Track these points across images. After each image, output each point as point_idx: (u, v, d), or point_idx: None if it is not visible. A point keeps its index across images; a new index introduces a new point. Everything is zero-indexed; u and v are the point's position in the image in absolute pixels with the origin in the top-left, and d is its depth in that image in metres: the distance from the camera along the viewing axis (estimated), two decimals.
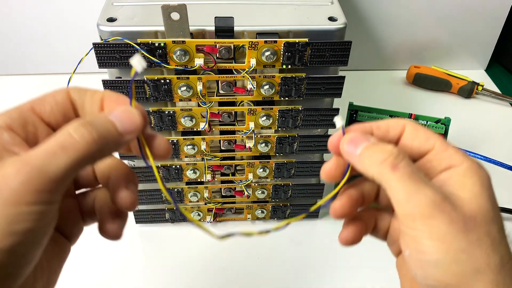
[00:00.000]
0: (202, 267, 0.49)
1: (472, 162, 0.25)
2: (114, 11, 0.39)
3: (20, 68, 0.75)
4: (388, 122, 0.27)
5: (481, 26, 0.75)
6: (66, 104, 0.25)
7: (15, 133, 0.23)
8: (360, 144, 0.26)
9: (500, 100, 0.74)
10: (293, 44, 0.37)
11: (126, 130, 0.24)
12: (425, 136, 0.26)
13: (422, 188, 0.23)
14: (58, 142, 0.22)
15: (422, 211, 0.23)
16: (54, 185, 0.21)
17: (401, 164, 0.24)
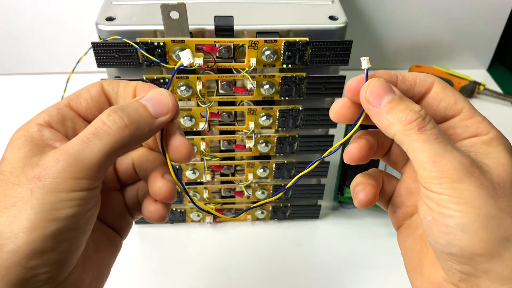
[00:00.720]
0: (201, 268, 0.49)
1: (498, 132, 0.24)
2: (113, 10, 0.39)
3: (19, 67, 0.75)
4: (416, 75, 0.26)
5: (483, 25, 0.75)
6: (101, 97, 0.26)
7: (55, 130, 0.24)
8: (385, 96, 0.24)
9: (502, 100, 0.73)
10: (294, 43, 0.37)
11: (158, 112, 0.24)
12: (454, 99, 0.25)
13: (450, 150, 0.22)
14: (92, 129, 0.23)
15: (450, 174, 0.22)
16: (90, 172, 0.22)
17: (428, 126, 0.23)
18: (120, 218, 0.29)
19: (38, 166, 0.22)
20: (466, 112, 0.25)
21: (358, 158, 0.27)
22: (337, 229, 0.53)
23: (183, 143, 0.25)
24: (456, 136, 0.25)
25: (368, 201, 0.27)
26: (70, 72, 0.39)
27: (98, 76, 0.40)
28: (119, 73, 0.40)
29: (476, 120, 0.25)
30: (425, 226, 0.23)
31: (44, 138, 0.23)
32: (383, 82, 0.24)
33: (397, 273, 0.28)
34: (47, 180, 0.21)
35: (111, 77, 0.40)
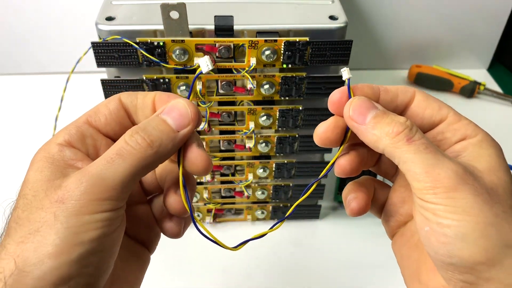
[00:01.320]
0: (201, 268, 0.49)
1: (486, 133, 0.24)
2: (113, 10, 0.39)
3: (19, 67, 0.75)
4: (397, 87, 0.26)
5: (483, 25, 0.74)
6: (120, 112, 0.25)
7: (76, 149, 0.24)
8: (368, 113, 0.24)
9: (502, 100, 0.73)
10: (294, 43, 0.37)
11: (180, 125, 0.24)
12: (438, 106, 0.25)
13: (441, 159, 0.22)
14: (115, 150, 0.22)
15: (445, 183, 0.21)
16: (114, 192, 0.22)
17: (415, 136, 0.23)
18: (149, 231, 0.28)
19: (60, 189, 0.21)
20: (452, 116, 0.25)
21: (349, 170, 0.26)
22: (337, 229, 0.53)
23: (200, 155, 0.25)
24: (446, 141, 0.25)
25: (360, 209, 0.27)
26: (70, 72, 0.39)
27: (98, 76, 0.40)
28: (119, 73, 0.40)
29: (463, 123, 0.25)
30: (422, 236, 0.23)
31: (66, 159, 0.23)
32: (365, 100, 0.24)
33: (397, 273, 0.28)
34: (70, 203, 0.21)
35: (110, 77, 0.40)
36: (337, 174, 0.27)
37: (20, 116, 0.68)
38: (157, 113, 0.24)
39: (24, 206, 0.22)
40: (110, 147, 0.23)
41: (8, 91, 0.73)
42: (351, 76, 0.25)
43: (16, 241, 0.21)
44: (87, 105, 0.72)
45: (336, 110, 0.26)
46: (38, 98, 0.71)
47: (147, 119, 0.24)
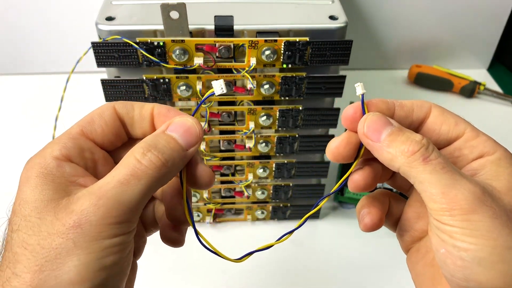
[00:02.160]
0: (201, 268, 0.49)
1: (505, 150, 0.23)
2: (113, 10, 0.39)
3: (19, 67, 0.75)
4: (413, 101, 0.25)
5: (483, 25, 0.74)
6: (115, 122, 0.24)
7: (75, 164, 0.23)
8: (383, 130, 0.23)
9: (502, 100, 0.73)
10: (294, 43, 0.37)
11: (188, 144, 0.23)
12: (454, 121, 0.24)
13: (458, 180, 0.21)
14: (129, 170, 0.21)
15: (462, 205, 0.21)
16: (131, 214, 0.21)
17: (432, 156, 0.22)
18: (139, 239, 0.28)
19: (73, 213, 0.20)
20: (470, 132, 0.24)
21: (363, 186, 0.26)
22: (337, 229, 0.53)
23: (206, 171, 0.25)
24: (463, 158, 0.24)
25: (374, 225, 0.26)
26: (70, 72, 0.39)
27: (98, 76, 0.40)
28: (119, 73, 0.40)
29: (481, 139, 0.24)
30: (438, 258, 0.22)
31: (66, 175, 0.22)
32: (380, 116, 0.24)
33: (397, 273, 0.28)
34: (89, 228, 0.20)
35: (110, 77, 0.40)
36: (351, 189, 0.26)
37: (20, 116, 0.68)
38: (162, 129, 0.24)
39: (30, 230, 0.20)
40: (117, 165, 0.22)
41: (8, 91, 0.73)
42: (365, 91, 0.25)
43: (31, 269, 0.20)
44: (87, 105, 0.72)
45: (350, 125, 0.25)
46: (38, 98, 0.71)
47: (154, 135, 0.23)
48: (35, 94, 0.72)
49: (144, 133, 0.25)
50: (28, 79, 0.75)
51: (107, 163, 0.25)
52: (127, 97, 0.40)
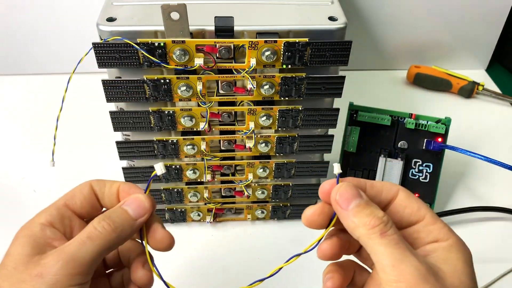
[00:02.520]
0: (202, 268, 0.49)
1: (457, 239, 0.26)
2: (114, 10, 0.39)
3: (19, 68, 0.75)
4: (383, 184, 0.28)
5: (482, 26, 0.75)
6: (91, 196, 0.30)
7: (55, 229, 0.28)
8: (353, 201, 0.27)
9: (501, 100, 0.74)
10: (293, 44, 0.37)
11: (137, 215, 0.29)
12: (417, 206, 0.27)
13: (408, 256, 0.24)
14: (86, 233, 0.27)
15: (408, 278, 0.23)
16: (84, 268, 0.26)
17: (389, 232, 0.25)
18: None
19: (39, 265, 0.25)
20: (429, 218, 0.27)
21: (330, 255, 0.30)
22: None
23: (165, 235, 0.30)
24: (420, 240, 0.27)
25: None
26: (71, 72, 0.39)
27: (99, 77, 0.40)
28: (120, 74, 0.40)
29: (437, 226, 0.27)
30: None
31: (46, 237, 0.27)
32: (352, 187, 0.27)
33: None
34: (48, 277, 0.25)
35: (111, 77, 0.40)
36: (319, 257, 0.30)
37: (21, 116, 0.68)
38: (120, 204, 0.30)
39: (5, 276, 0.26)
40: (82, 230, 0.27)
41: (9, 92, 0.73)
42: (341, 171, 0.28)
43: None
44: (89, 105, 0.72)
45: (325, 198, 0.29)
46: (39, 99, 0.71)
47: (112, 209, 0.29)
48: (36, 94, 0.72)
49: (112, 205, 0.31)
50: (29, 80, 0.75)
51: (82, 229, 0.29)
52: (128, 97, 0.40)
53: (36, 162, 0.60)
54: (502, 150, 0.64)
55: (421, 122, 0.51)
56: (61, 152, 0.48)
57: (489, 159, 0.49)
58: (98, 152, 0.61)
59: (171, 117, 0.42)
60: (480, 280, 0.47)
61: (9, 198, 0.55)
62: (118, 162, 0.46)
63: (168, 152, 0.44)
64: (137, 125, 0.42)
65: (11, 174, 0.59)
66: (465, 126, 0.66)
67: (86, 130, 0.65)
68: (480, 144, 0.65)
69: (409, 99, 0.74)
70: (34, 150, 0.62)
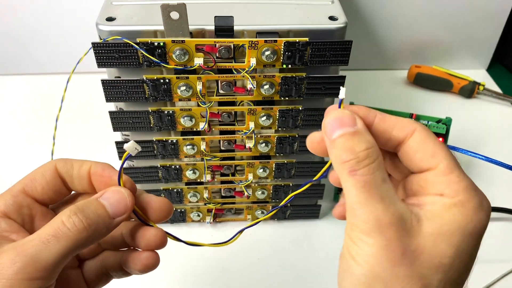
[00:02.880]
0: (202, 268, 0.49)
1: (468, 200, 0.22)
2: (113, 10, 0.39)
3: (19, 68, 0.75)
4: (397, 120, 0.24)
5: (482, 25, 0.75)
6: (56, 181, 0.26)
7: (11, 220, 0.24)
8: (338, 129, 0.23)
9: (501, 100, 0.73)
10: (294, 43, 0.37)
11: (116, 213, 0.25)
12: (432, 152, 0.23)
13: (371, 202, 0.21)
14: (51, 230, 0.23)
15: (360, 225, 0.21)
16: (46, 272, 0.22)
17: (360, 171, 0.22)
18: None
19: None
20: (442, 168, 0.23)
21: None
22: (337, 229, 0.53)
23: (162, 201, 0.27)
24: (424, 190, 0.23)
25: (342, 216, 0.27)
26: (71, 72, 0.39)
27: (98, 76, 0.40)
28: (119, 73, 0.40)
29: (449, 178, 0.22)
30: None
31: (0, 231, 0.24)
32: (347, 115, 0.23)
33: None
34: (2, 281, 0.21)
35: (111, 77, 0.40)
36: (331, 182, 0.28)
37: (21, 116, 0.68)
38: (96, 196, 0.25)
39: None
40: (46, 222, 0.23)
41: (9, 91, 0.73)
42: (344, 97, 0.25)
43: None
44: (88, 105, 0.72)
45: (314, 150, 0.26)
46: (38, 99, 0.71)
47: (87, 201, 0.25)
48: (36, 94, 0.72)
49: (84, 190, 0.27)
50: (29, 79, 0.75)
51: (45, 218, 0.26)
52: (127, 97, 0.40)
53: (35, 162, 0.60)
54: (503, 150, 0.64)
55: (422, 122, 0.51)
56: (61, 152, 0.47)
57: (489, 159, 0.49)
58: (97, 152, 0.61)
59: (170, 117, 0.42)
60: (480, 280, 0.47)
61: None
62: (118, 162, 0.46)
63: (167, 152, 0.44)
64: (137, 125, 0.42)
65: (11, 174, 0.59)
66: (465, 126, 0.66)
67: (86, 130, 0.64)
68: (480, 144, 0.65)
69: (409, 99, 0.74)
70: (34, 150, 0.62)
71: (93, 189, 0.27)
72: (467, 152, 0.50)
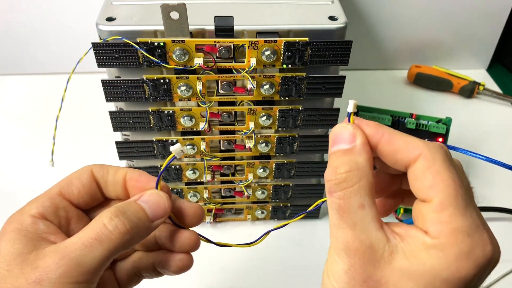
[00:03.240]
0: (201, 267, 0.49)
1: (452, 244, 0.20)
2: (113, 10, 0.39)
3: (19, 68, 0.75)
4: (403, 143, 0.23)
5: (482, 25, 0.75)
6: (91, 185, 0.27)
7: (49, 221, 0.25)
8: (334, 145, 0.23)
9: (501, 100, 0.73)
10: (293, 43, 0.37)
11: (155, 216, 0.25)
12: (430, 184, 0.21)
13: (343, 226, 0.22)
14: (94, 234, 0.23)
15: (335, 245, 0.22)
16: (90, 276, 0.22)
17: (337, 194, 0.22)
18: None
19: (38, 269, 0.22)
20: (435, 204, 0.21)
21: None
22: None
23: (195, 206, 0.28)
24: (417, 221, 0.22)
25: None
26: (71, 72, 0.39)
27: (98, 76, 0.40)
28: (119, 73, 0.40)
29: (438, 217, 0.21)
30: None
31: (39, 232, 0.24)
32: (346, 130, 0.23)
33: None
34: (48, 285, 0.21)
35: (111, 77, 0.40)
36: None
37: (21, 116, 0.68)
38: (135, 198, 0.26)
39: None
40: (86, 226, 0.24)
41: (9, 91, 0.73)
42: (352, 111, 0.24)
43: None
44: (88, 105, 0.72)
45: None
46: (38, 99, 0.71)
47: (126, 203, 0.25)
48: (36, 94, 0.72)
49: (117, 195, 0.27)
50: (29, 79, 0.75)
51: (81, 221, 0.26)
52: (127, 97, 0.40)
53: (35, 162, 0.60)
54: (503, 150, 0.64)
55: (422, 122, 0.51)
56: (61, 152, 0.48)
57: (489, 159, 0.49)
58: (97, 152, 0.61)
59: (170, 117, 0.42)
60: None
61: (9, 198, 0.55)
62: (118, 162, 0.46)
63: (168, 153, 0.44)
64: (137, 125, 0.42)
65: (11, 174, 0.59)
66: (465, 126, 0.66)
67: (86, 130, 0.65)
68: (480, 144, 0.65)
69: (409, 99, 0.74)
70: (34, 150, 0.62)
71: (126, 195, 0.27)
72: (467, 152, 0.50)
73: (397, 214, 0.51)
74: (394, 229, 0.22)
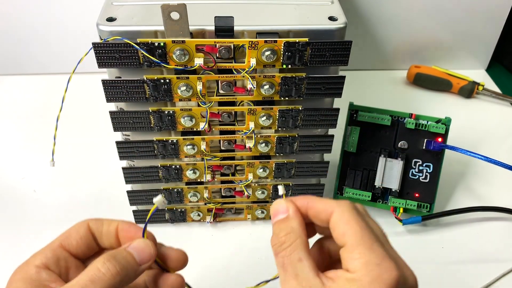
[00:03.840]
0: (202, 268, 0.49)
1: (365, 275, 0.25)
2: (114, 10, 0.39)
3: (20, 68, 0.75)
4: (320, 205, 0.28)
5: (482, 25, 0.75)
6: (88, 236, 0.30)
7: (51, 271, 0.28)
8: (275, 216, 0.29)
9: (501, 100, 0.74)
10: (293, 43, 0.37)
11: (142, 260, 0.29)
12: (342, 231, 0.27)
13: (287, 278, 0.26)
14: (89, 276, 0.26)
15: None
16: None
17: (281, 253, 0.27)
18: None
19: None
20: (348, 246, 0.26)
21: None
22: None
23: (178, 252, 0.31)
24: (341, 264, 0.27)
25: None
26: (71, 72, 0.39)
27: (99, 76, 0.40)
28: (120, 73, 0.40)
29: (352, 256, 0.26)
30: None
31: (42, 280, 0.27)
32: (282, 204, 0.29)
33: None
34: None
35: (111, 77, 0.40)
36: None
37: (21, 116, 0.68)
38: (125, 246, 0.29)
39: None
40: (82, 271, 0.27)
41: (9, 91, 0.73)
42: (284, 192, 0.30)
43: None
44: (88, 105, 0.72)
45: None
46: (39, 99, 0.71)
47: (117, 250, 0.29)
48: (36, 94, 0.72)
49: (111, 245, 0.31)
50: (29, 80, 0.75)
51: (78, 269, 0.29)
52: (128, 97, 0.40)
53: (36, 162, 0.60)
54: (502, 150, 0.64)
55: (421, 122, 0.51)
56: (61, 152, 0.48)
57: (489, 159, 0.49)
58: (98, 152, 0.61)
59: (171, 117, 0.42)
60: (480, 280, 0.48)
61: (9, 198, 0.55)
62: (118, 162, 0.46)
63: (168, 152, 0.44)
64: (137, 125, 0.42)
65: (11, 174, 0.59)
66: (465, 126, 0.66)
67: (86, 130, 0.65)
68: (480, 144, 0.65)
69: (409, 99, 0.74)
70: (34, 150, 0.62)
71: (118, 244, 0.31)
72: (466, 152, 0.50)
73: (397, 214, 0.51)
74: (327, 275, 0.27)
